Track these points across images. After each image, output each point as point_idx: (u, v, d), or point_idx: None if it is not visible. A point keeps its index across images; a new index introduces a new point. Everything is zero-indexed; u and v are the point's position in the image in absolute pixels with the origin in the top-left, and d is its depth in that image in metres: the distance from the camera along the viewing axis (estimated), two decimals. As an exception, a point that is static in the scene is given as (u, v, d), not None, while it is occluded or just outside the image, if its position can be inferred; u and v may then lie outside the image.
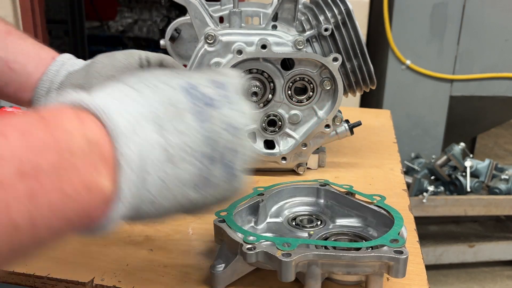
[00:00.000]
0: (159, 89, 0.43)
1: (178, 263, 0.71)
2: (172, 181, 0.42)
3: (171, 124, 0.42)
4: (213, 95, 0.45)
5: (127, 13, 4.75)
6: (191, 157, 0.42)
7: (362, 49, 0.96)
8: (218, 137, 0.44)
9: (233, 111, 0.45)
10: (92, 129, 0.38)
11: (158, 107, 0.42)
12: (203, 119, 0.43)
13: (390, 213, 0.69)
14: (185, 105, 0.43)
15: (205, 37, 0.92)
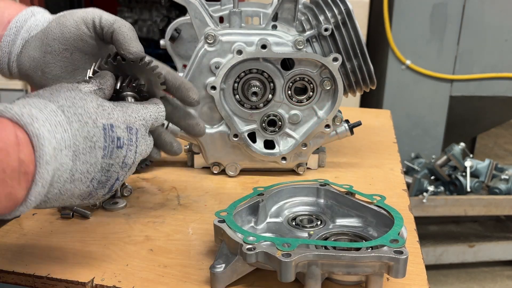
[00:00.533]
0: (86, 125, 0.55)
1: (178, 263, 0.71)
2: (66, 194, 0.55)
3: (84, 155, 0.55)
4: (123, 138, 0.59)
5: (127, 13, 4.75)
6: (87, 180, 0.57)
7: (362, 49, 0.96)
8: (112, 170, 0.59)
9: (131, 152, 0.61)
10: (25, 152, 0.49)
11: (80, 140, 0.54)
12: (108, 156, 0.58)
13: (390, 213, 0.69)
14: (100, 143, 0.56)
15: (205, 37, 0.92)
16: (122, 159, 0.60)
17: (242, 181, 1.00)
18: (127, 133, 0.60)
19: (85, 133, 0.55)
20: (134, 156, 0.62)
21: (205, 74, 0.94)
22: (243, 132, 0.98)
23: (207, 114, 0.97)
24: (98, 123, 0.56)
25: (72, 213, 0.83)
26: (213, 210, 0.81)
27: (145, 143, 0.65)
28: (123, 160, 0.60)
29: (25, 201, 0.51)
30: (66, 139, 0.53)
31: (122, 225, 0.81)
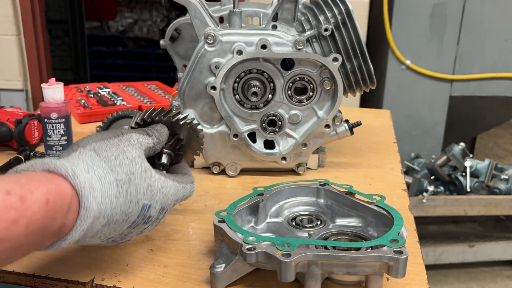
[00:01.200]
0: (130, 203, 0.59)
1: (178, 263, 0.71)
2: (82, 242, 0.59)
3: (114, 225, 0.58)
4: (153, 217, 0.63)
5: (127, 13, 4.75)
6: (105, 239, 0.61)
7: (362, 49, 0.96)
8: (129, 235, 0.63)
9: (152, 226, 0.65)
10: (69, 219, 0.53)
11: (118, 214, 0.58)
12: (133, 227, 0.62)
13: (390, 213, 0.69)
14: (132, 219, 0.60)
15: (205, 37, 0.92)
16: (142, 230, 0.64)
17: (242, 181, 1.00)
18: (158, 213, 0.64)
19: (125, 209, 0.58)
20: (151, 228, 0.65)
21: (205, 74, 0.94)
22: (243, 132, 0.98)
23: (207, 114, 0.97)
24: (140, 203, 0.60)
25: None
26: (213, 210, 0.81)
27: (164, 215, 0.67)
28: (142, 231, 0.64)
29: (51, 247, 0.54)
30: (108, 210, 0.56)
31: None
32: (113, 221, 0.58)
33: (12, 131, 1.12)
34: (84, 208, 0.53)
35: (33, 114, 1.15)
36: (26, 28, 2.72)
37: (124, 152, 0.60)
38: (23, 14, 2.70)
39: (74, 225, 0.53)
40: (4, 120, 1.13)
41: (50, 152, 1.00)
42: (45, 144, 1.00)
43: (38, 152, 1.06)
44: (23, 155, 1.04)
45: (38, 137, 1.15)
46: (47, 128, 0.99)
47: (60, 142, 1.00)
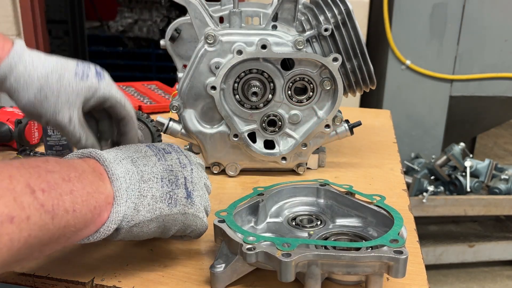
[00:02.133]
0: (130, 147, 0.66)
1: (178, 263, 0.71)
2: (147, 195, 0.60)
3: (141, 161, 0.63)
4: (167, 148, 0.67)
5: (127, 13, 4.75)
6: (156, 177, 0.62)
7: (362, 49, 0.96)
8: (175, 170, 0.65)
9: (181, 156, 0.67)
10: (92, 163, 0.59)
11: (131, 153, 0.63)
12: (163, 159, 0.65)
13: (390, 213, 0.69)
14: (150, 152, 0.65)
15: (205, 37, 0.92)
16: (177, 160, 0.66)
17: (242, 181, 1.00)
18: (168, 146, 0.68)
19: (133, 149, 0.65)
20: (187, 160, 0.67)
21: (205, 74, 0.94)
22: (243, 132, 0.98)
23: (207, 114, 0.97)
24: (140, 145, 0.67)
25: None
26: (213, 210, 0.81)
27: (194, 155, 0.71)
28: (179, 161, 0.66)
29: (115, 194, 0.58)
30: (120, 154, 0.62)
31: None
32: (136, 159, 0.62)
33: (12, 131, 1.12)
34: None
35: (33, 114, 1.15)
36: (26, 28, 2.72)
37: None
38: (23, 14, 2.70)
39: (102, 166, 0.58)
40: (4, 120, 1.13)
41: (50, 152, 1.00)
42: (45, 144, 1.00)
43: (38, 152, 1.06)
44: (23, 155, 1.04)
45: (38, 137, 1.15)
46: (47, 128, 0.99)
47: (60, 142, 1.00)
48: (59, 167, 0.53)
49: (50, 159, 0.54)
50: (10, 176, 0.47)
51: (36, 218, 0.47)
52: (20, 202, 0.46)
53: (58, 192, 0.50)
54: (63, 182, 0.52)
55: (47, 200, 0.49)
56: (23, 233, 0.46)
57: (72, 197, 0.52)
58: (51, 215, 0.49)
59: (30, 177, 0.48)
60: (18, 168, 0.49)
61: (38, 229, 0.48)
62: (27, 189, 0.47)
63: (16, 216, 0.45)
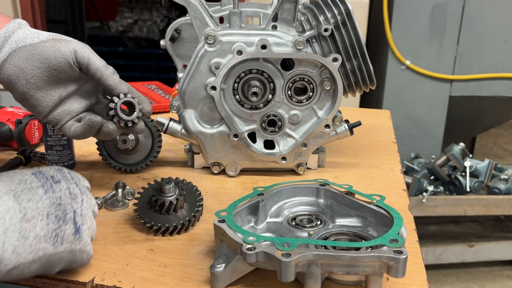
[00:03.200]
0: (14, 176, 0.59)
1: (178, 263, 0.71)
2: (29, 236, 0.55)
3: (25, 195, 0.57)
4: (56, 176, 0.63)
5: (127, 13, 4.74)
6: (41, 214, 0.57)
7: (362, 49, 0.96)
8: (64, 203, 0.61)
9: (72, 185, 0.64)
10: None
11: (14, 186, 0.58)
12: (51, 190, 0.60)
13: (389, 213, 0.69)
14: (36, 183, 0.60)
15: (205, 37, 0.92)
16: (66, 191, 0.62)
17: (242, 181, 1.00)
18: (58, 173, 0.64)
19: (17, 181, 0.59)
20: (77, 189, 0.64)
21: (205, 74, 0.94)
22: (243, 132, 0.98)
23: (207, 114, 0.97)
24: (25, 173, 0.61)
25: None
26: (213, 210, 0.81)
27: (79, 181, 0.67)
28: (69, 191, 0.63)
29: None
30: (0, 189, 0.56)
31: (123, 225, 0.82)
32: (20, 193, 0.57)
33: (12, 131, 1.12)
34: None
35: (33, 115, 1.15)
36: (26, 28, 2.72)
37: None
38: (23, 14, 2.69)
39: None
40: (5, 120, 1.13)
41: (50, 152, 1.00)
42: (45, 144, 1.01)
43: (38, 152, 1.06)
44: (23, 155, 1.04)
45: (38, 137, 1.15)
46: (47, 128, 0.99)
47: (60, 142, 1.00)
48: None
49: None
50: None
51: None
52: None
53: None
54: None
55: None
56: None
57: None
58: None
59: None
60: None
61: None
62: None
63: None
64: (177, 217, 0.79)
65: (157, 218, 0.78)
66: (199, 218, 0.83)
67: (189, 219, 0.79)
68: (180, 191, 0.79)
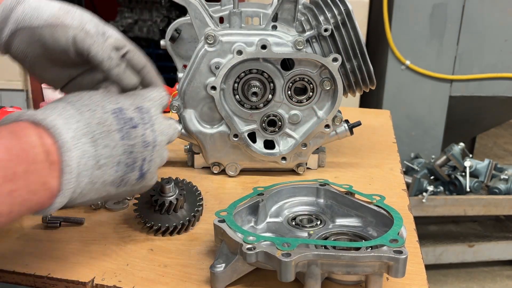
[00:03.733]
0: (96, 112, 0.59)
1: (178, 263, 0.71)
2: (98, 182, 0.58)
3: (103, 140, 0.58)
4: (136, 117, 0.62)
5: (127, 13, 4.74)
6: (113, 164, 0.59)
7: (361, 49, 0.96)
8: (136, 151, 0.61)
9: (148, 130, 0.63)
10: (47, 142, 0.53)
11: (94, 127, 0.58)
12: (126, 137, 0.60)
13: (389, 213, 0.69)
14: (114, 126, 0.59)
15: (205, 37, 0.92)
16: (141, 138, 0.62)
17: (242, 181, 1.00)
18: (138, 113, 0.63)
19: (97, 120, 0.58)
20: (153, 134, 0.64)
21: (205, 74, 0.94)
22: (243, 132, 0.98)
23: (207, 114, 0.97)
24: (106, 109, 0.60)
25: (59, 222, 0.79)
26: (213, 210, 0.81)
27: (162, 121, 0.66)
28: (143, 139, 0.62)
29: (61, 190, 0.54)
30: (81, 128, 0.57)
31: (122, 225, 0.82)
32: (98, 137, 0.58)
33: None
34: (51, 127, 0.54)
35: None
36: (26, 28, 2.72)
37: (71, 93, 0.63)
38: (23, 14, 2.69)
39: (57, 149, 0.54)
40: (4, 120, 1.13)
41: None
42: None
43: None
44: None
45: (38, 137, 1.15)
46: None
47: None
48: (8, 157, 0.50)
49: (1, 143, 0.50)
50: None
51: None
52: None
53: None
54: (3, 183, 0.48)
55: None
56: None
57: (11, 199, 0.49)
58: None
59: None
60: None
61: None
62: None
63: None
64: (177, 217, 0.79)
65: (157, 218, 0.78)
66: (199, 218, 0.83)
67: (189, 219, 0.79)
68: (180, 191, 0.79)
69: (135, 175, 0.62)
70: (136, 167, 0.62)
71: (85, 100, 0.60)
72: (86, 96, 0.61)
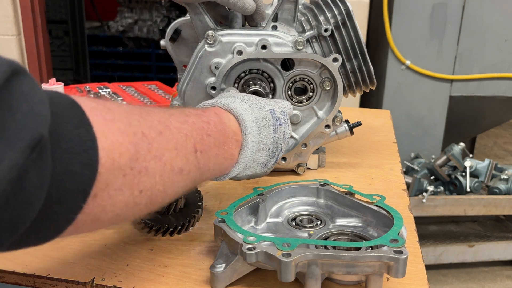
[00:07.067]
0: (260, 109, 0.76)
1: (178, 263, 0.71)
2: (255, 162, 0.75)
3: (264, 130, 0.75)
4: (281, 118, 0.78)
5: (127, 13, 4.75)
6: (266, 150, 0.75)
7: (362, 49, 0.96)
8: (278, 142, 0.77)
9: (287, 129, 0.79)
10: (235, 126, 0.71)
11: (260, 120, 0.74)
12: (276, 131, 0.76)
13: (389, 213, 0.69)
14: (270, 121, 0.76)
15: (205, 37, 0.92)
16: (283, 133, 0.77)
17: (242, 181, 1.00)
18: (282, 115, 0.79)
19: (262, 115, 0.75)
20: (288, 132, 0.79)
21: (205, 75, 0.94)
22: (243, 132, 0.98)
23: (207, 114, 0.97)
24: (266, 108, 0.77)
25: None
26: (213, 210, 0.81)
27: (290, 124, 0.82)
28: (283, 135, 0.78)
29: (238, 162, 0.71)
30: (253, 118, 0.73)
31: (123, 225, 0.82)
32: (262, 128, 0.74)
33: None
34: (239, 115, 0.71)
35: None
36: (26, 28, 2.72)
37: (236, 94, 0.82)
38: (23, 14, 2.70)
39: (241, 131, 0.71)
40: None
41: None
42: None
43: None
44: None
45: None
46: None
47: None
48: (215, 130, 0.66)
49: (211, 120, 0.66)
50: (186, 134, 0.59)
51: (193, 173, 0.60)
52: (188, 159, 0.58)
53: (209, 154, 0.63)
54: (214, 147, 0.64)
55: (201, 160, 0.61)
56: (184, 183, 0.59)
57: (215, 160, 0.65)
58: (200, 172, 0.62)
59: (196, 139, 0.60)
60: (191, 127, 0.61)
61: (191, 181, 0.61)
62: (193, 149, 0.59)
63: (185, 169, 0.57)
64: (177, 217, 0.79)
65: (157, 219, 0.78)
66: (199, 218, 0.83)
67: (189, 219, 0.79)
68: None
69: (273, 160, 0.77)
70: (275, 155, 0.77)
71: (252, 100, 0.77)
72: (252, 97, 0.78)
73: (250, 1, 0.87)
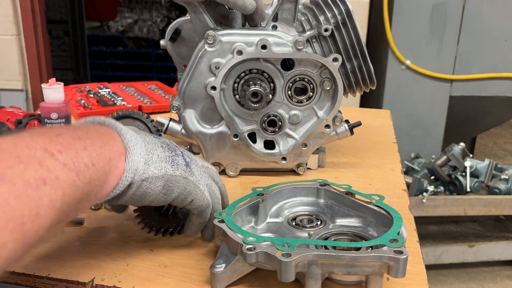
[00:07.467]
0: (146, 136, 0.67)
1: (178, 263, 0.71)
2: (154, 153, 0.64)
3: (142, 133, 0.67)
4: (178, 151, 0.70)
5: (127, 13, 4.75)
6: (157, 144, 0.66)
7: (362, 49, 0.96)
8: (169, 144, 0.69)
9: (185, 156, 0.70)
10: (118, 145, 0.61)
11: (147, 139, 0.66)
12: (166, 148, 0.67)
13: (389, 213, 0.69)
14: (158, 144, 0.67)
15: (205, 37, 0.92)
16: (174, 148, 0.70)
17: (242, 181, 1.00)
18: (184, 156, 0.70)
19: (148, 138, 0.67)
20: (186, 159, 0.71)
21: (205, 75, 0.94)
22: (243, 132, 0.98)
23: (207, 115, 0.97)
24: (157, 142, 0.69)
25: None
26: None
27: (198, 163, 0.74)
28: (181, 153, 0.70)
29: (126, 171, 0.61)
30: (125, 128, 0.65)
31: (123, 225, 0.82)
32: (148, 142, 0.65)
33: (12, 131, 1.12)
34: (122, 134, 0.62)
35: (33, 114, 1.15)
36: (26, 28, 2.72)
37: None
38: (23, 14, 2.70)
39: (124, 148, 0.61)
40: (4, 120, 1.13)
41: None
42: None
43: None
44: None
45: (38, 137, 1.15)
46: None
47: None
48: (65, 129, 0.57)
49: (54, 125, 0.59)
50: (27, 145, 0.49)
51: (64, 177, 0.50)
52: (45, 165, 0.49)
53: (74, 150, 0.53)
54: (74, 141, 0.54)
55: (67, 159, 0.52)
56: (58, 192, 0.49)
57: (88, 153, 0.55)
58: (75, 172, 0.52)
59: (44, 143, 0.51)
60: (30, 137, 0.51)
61: (68, 187, 0.51)
62: (46, 153, 0.50)
63: (47, 178, 0.48)
64: (177, 217, 0.79)
65: (157, 219, 0.78)
66: None
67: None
68: None
69: (181, 160, 0.68)
70: (178, 154, 0.69)
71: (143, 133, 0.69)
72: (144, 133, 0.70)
73: (250, 0, 0.87)
